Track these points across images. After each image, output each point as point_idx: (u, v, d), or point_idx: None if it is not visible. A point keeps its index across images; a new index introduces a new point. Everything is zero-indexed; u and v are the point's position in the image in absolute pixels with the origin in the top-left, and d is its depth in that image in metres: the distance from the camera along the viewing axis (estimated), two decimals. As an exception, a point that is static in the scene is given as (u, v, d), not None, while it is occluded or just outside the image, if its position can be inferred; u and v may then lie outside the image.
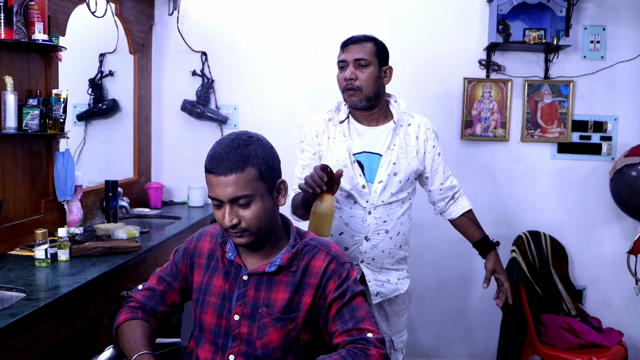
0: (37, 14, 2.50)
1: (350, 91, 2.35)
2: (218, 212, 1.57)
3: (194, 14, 3.85)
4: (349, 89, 2.34)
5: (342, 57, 2.37)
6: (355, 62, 2.33)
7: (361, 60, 2.32)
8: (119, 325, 1.71)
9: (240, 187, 1.52)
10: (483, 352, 3.95)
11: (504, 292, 2.56)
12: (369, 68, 2.33)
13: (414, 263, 3.91)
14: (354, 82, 2.33)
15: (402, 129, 2.45)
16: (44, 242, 2.31)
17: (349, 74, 2.33)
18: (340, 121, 2.42)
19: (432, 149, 2.51)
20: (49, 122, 2.62)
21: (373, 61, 2.35)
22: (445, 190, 2.60)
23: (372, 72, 2.34)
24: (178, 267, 1.76)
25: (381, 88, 2.40)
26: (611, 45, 3.76)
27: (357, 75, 2.33)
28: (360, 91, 2.33)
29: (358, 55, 2.33)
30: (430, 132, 2.51)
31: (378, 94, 2.38)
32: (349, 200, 2.38)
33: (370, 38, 2.39)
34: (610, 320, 3.85)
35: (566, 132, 3.79)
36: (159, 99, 3.93)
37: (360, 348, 1.49)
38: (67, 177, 2.83)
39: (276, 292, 1.61)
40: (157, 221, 3.58)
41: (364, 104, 2.36)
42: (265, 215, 1.58)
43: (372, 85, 2.34)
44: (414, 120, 2.50)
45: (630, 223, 3.80)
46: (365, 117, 2.42)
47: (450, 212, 2.69)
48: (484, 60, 3.77)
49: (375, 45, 2.37)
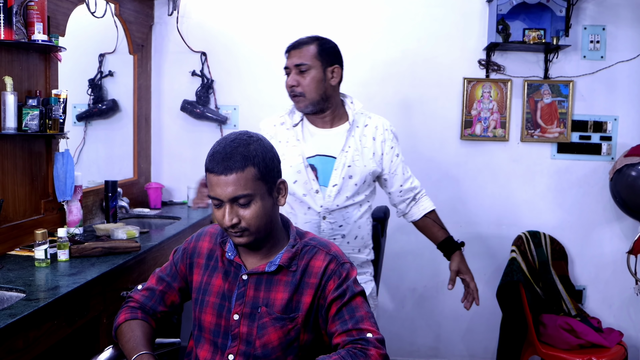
0: (36, 15, 2.50)
1: (294, 97, 2.32)
2: (218, 212, 1.57)
3: (193, 14, 3.85)
4: (293, 95, 2.31)
5: (285, 64, 2.34)
6: (296, 68, 2.29)
7: (301, 65, 2.28)
8: (119, 325, 1.71)
9: (241, 186, 1.52)
10: (483, 352, 3.95)
11: (471, 294, 2.51)
12: (310, 72, 2.28)
13: (413, 263, 3.93)
14: (296, 88, 2.29)
15: (358, 130, 2.39)
16: (43, 242, 2.31)
17: (291, 80, 2.30)
18: (294, 125, 2.38)
19: (390, 150, 2.43)
20: (48, 123, 2.62)
21: (314, 64, 2.29)
22: (405, 192, 2.52)
23: (313, 77, 2.28)
24: (177, 267, 1.76)
25: (328, 90, 2.33)
26: (611, 45, 3.76)
27: (299, 81, 2.29)
28: (303, 97, 2.29)
29: (297, 61, 2.28)
30: (388, 132, 2.44)
31: (325, 97, 2.32)
32: (303, 205, 2.34)
33: (313, 39, 2.33)
34: (610, 320, 3.85)
35: (566, 132, 3.79)
36: (159, 99, 3.93)
37: (360, 348, 1.49)
38: (67, 177, 2.82)
39: (276, 292, 1.61)
40: (157, 221, 3.58)
41: (310, 109, 2.32)
42: (265, 215, 1.58)
43: (315, 89, 2.29)
44: (371, 121, 2.44)
45: (630, 223, 3.80)
46: (319, 119, 2.38)
47: (412, 214, 2.60)
48: (484, 60, 3.77)
49: (317, 46, 2.31)
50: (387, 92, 3.82)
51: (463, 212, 3.88)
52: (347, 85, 3.76)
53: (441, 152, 3.85)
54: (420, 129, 3.83)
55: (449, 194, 3.87)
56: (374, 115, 2.47)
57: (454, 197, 3.87)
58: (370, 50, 3.80)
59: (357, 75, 3.80)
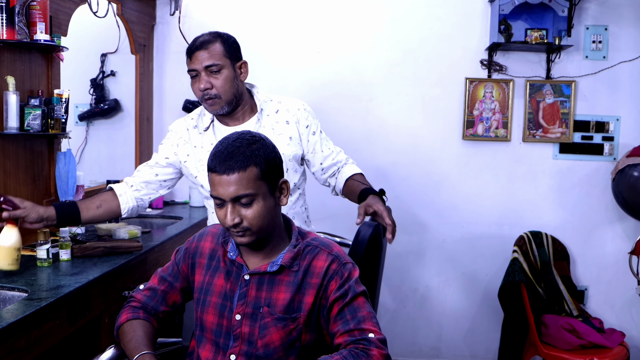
0: (38, 14, 2.51)
1: (209, 101, 2.20)
2: (220, 211, 1.57)
3: (195, 14, 3.85)
4: (207, 98, 2.20)
5: (192, 66, 2.19)
6: (206, 70, 2.17)
7: (212, 66, 2.16)
8: (121, 325, 1.71)
9: (243, 186, 1.52)
10: (484, 352, 3.95)
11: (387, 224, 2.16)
12: (223, 72, 2.18)
13: (415, 263, 3.93)
14: (210, 90, 2.18)
15: (270, 119, 2.31)
16: (45, 242, 2.31)
17: (203, 83, 2.17)
18: (205, 129, 2.33)
19: (306, 130, 2.33)
20: (50, 122, 2.62)
21: (224, 63, 2.19)
22: (327, 169, 2.42)
23: (226, 76, 2.19)
24: (179, 267, 1.76)
25: (240, 87, 2.26)
26: (613, 45, 3.75)
27: (212, 83, 2.17)
28: (219, 98, 2.19)
29: (208, 62, 2.16)
30: (301, 112, 2.33)
31: (238, 95, 2.25)
32: None
33: (215, 36, 2.21)
34: (612, 320, 3.85)
35: (568, 132, 3.78)
36: (161, 98, 3.93)
37: (362, 348, 1.49)
38: (69, 177, 2.83)
39: (277, 292, 1.61)
40: (159, 221, 3.58)
41: (226, 110, 2.23)
42: (267, 215, 1.58)
43: (230, 88, 2.20)
44: (282, 105, 2.34)
45: (632, 223, 3.79)
46: (230, 118, 2.31)
47: (338, 183, 2.44)
48: (486, 60, 3.77)
49: (222, 44, 2.20)
50: (389, 92, 3.81)
51: (465, 212, 3.88)
52: (348, 86, 3.79)
53: (443, 152, 3.84)
54: (422, 128, 3.83)
55: (451, 194, 3.87)
56: (285, 99, 2.37)
57: (455, 197, 3.87)
58: (372, 51, 3.80)
59: (359, 76, 3.81)
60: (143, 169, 2.46)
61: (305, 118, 2.34)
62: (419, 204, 3.89)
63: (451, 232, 3.91)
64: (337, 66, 3.82)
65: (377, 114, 3.82)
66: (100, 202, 2.36)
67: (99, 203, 2.36)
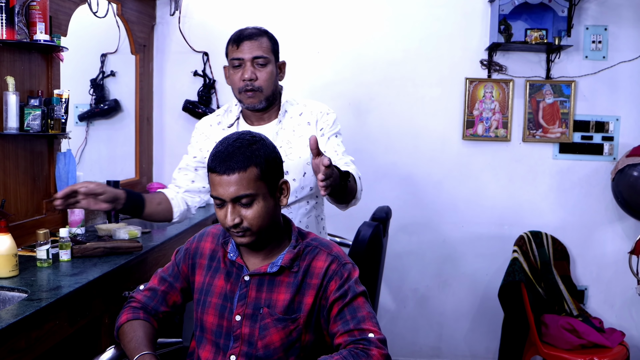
0: (38, 14, 2.50)
1: (249, 92, 2.16)
2: (220, 212, 1.57)
3: (195, 14, 3.85)
4: (248, 90, 2.15)
5: (238, 55, 2.15)
6: (253, 61, 2.14)
7: (260, 58, 2.13)
8: (121, 325, 1.72)
9: (243, 186, 1.53)
10: (484, 352, 3.95)
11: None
12: (268, 66, 2.16)
13: (415, 263, 3.93)
14: (254, 82, 2.14)
15: (292, 121, 2.25)
16: (45, 242, 2.31)
17: (249, 73, 2.13)
18: (229, 125, 2.29)
19: (319, 132, 2.25)
20: (50, 123, 2.62)
21: (271, 58, 2.17)
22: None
23: (271, 71, 2.17)
24: (179, 268, 1.76)
25: (277, 86, 2.25)
26: (613, 45, 3.75)
27: (257, 74, 2.14)
28: (260, 92, 2.16)
29: (257, 53, 2.13)
30: (322, 115, 2.26)
31: (276, 93, 2.24)
32: None
33: (263, 32, 2.19)
34: (612, 320, 3.85)
35: (568, 132, 3.78)
36: (161, 99, 3.93)
37: (362, 348, 1.49)
38: (69, 177, 2.83)
39: (278, 293, 1.61)
40: (159, 221, 3.58)
41: (264, 105, 2.20)
42: (267, 215, 1.58)
43: (272, 84, 2.18)
44: (307, 108, 2.28)
45: (632, 223, 3.79)
46: (256, 116, 2.27)
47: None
48: (486, 61, 3.77)
49: (269, 40, 2.19)
50: (389, 92, 3.82)
51: (465, 212, 3.88)
52: (349, 86, 3.79)
53: (443, 152, 3.85)
54: (422, 129, 3.83)
55: (451, 194, 3.87)
56: (312, 102, 2.32)
57: (455, 197, 3.87)
58: (372, 50, 3.80)
59: (359, 76, 3.81)
60: (179, 176, 2.41)
61: (324, 121, 2.26)
62: (419, 204, 3.89)
63: (451, 232, 3.91)
64: (337, 66, 3.82)
65: (377, 114, 3.82)
66: (160, 200, 2.30)
67: (159, 200, 2.29)
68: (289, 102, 2.30)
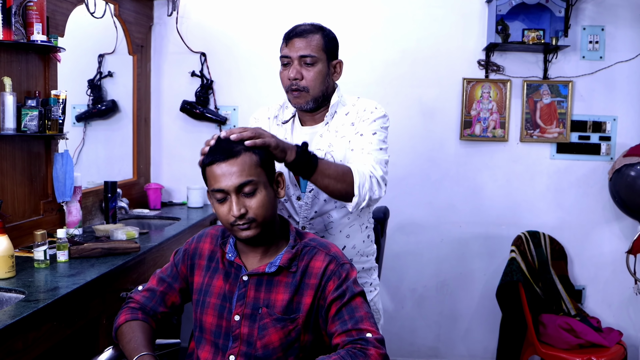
0: (35, 15, 2.50)
1: (295, 92, 2.06)
2: (222, 207, 1.57)
3: (193, 15, 3.85)
4: (294, 89, 2.06)
5: (286, 53, 2.06)
6: (300, 59, 2.04)
7: (307, 57, 2.03)
8: (119, 326, 1.71)
9: (245, 172, 1.55)
10: (482, 352, 3.95)
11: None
12: (317, 66, 2.05)
13: (413, 263, 3.93)
14: (300, 82, 2.04)
15: (338, 121, 2.12)
16: (43, 243, 2.31)
17: (294, 73, 2.04)
18: (284, 122, 2.19)
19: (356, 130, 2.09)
20: (47, 123, 2.62)
21: (321, 57, 2.05)
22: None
23: (319, 70, 2.05)
24: (178, 268, 1.76)
25: (330, 86, 2.12)
26: (610, 45, 3.76)
27: (303, 74, 2.04)
28: (306, 92, 2.05)
29: (304, 52, 2.03)
30: (366, 112, 2.10)
31: (327, 93, 2.11)
32: (283, 213, 2.13)
33: (317, 28, 2.08)
34: (609, 320, 3.85)
35: (565, 132, 3.79)
36: (158, 99, 3.93)
37: (360, 348, 1.49)
38: (66, 178, 2.82)
39: (276, 293, 1.61)
40: (157, 222, 3.58)
41: (311, 106, 2.08)
42: (270, 205, 1.60)
43: (320, 84, 2.06)
44: (354, 107, 2.14)
45: (629, 223, 3.80)
46: (309, 116, 2.15)
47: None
48: (483, 61, 3.77)
49: (323, 37, 2.07)
50: (386, 92, 3.82)
51: (462, 212, 3.88)
52: (346, 86, 3.76)
53: (441, 152, 3.85)
54: (419, 129, 3.83)
55: (449, 194, 3.87)
56: (361, 101, 2.17)
57: (453, 197, 3.87)
58: (369, 51, 3.81)
59: (356, 76, 3.80)
60: None
61: (361, 118, 2.09)
62: (417, 204, 3.89)
63: (449, 232, 3.92)
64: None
65: (375, 114, 3.82)
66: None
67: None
68: (341, 102, 2.16)
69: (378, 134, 2.07)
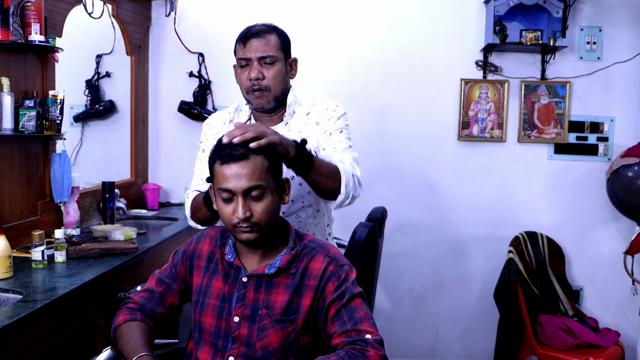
0: (33, 15, 2.50)
1: (257, 92, 2.05)
2: (227, 207, 1.57)
3: (190, 15, 3.85)
4: (255, 89, 2.05)
5: (244, 55, 2.05)
6: (260, 60, 2.03)
7: (267, 57, 2.03)
8: (118, 326, 1.71)
9: (255, 176, 1.54)
10: (480, 352, 3.96)
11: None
12: (276, 65, 2.05)
13: (411, 264, 3.93)
14: (261, 81, 2.04)
15: (300, 122, 2.13)
16: (40, 243, 2.31)
17: (255, 73, 2.03)
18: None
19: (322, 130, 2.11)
20: (45, 124, 2.62)
21: (279, 56, 2.06)
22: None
23: (279, 69, 2.05)
24: (177, 269, 1.76)
25: (288, 85, 2.13)
26: (607, 46, 3.76)
27: (264, 74, 2.04)
28: (268, 91, 2.05)
29: (263, 53, 2.03)
30: (329, 112, 2.13)
31: (285, 92, 2.12)
32: None
33: (272, 28, 2.08)
34: (607, 320, 3.86)
35: (563, 132, 3.79)
36: (156, 100, 3.93)
37: (359, 349, 1.49)
38: (64, 178, 2.82)
39: (276, 294, 1.60)
40: (154, 222, 3.58)
41: (272, 105, 2.09)
42: (274, 211, 1.60)
43: (280, 83, 2.07)
44: (314, 107, 2.15)
45: (627, 223, 3.80)
46: (267, 117, 2.15)
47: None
48: (481, 61, 3.78)
49: (278, 36, 2.07)
50: (384, 93, 3.82)
51: (460, 213, 3.88)
52: (344, 87, 3.79)
53: (438, 152, 3.85)
54: (417, 129, 3.83)
55: (447, 194, 3.87)
56: (320, 99, 2.19)
57: (451, 198, 3.87)
58: (367, 51, 3.81)
59: (354, 76, 3.81)
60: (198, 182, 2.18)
61: (327, 118, 2.12)
62: (415, 205, 3.89)
63: (447, 233, 3.92)
64: (332, 67, 3.82)
65: (373, 114, 3.82)
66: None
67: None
68: (297, 101, 2.18)
69: (344, 132, 2.12)
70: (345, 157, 2.04)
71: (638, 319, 3.52)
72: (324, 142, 2.09)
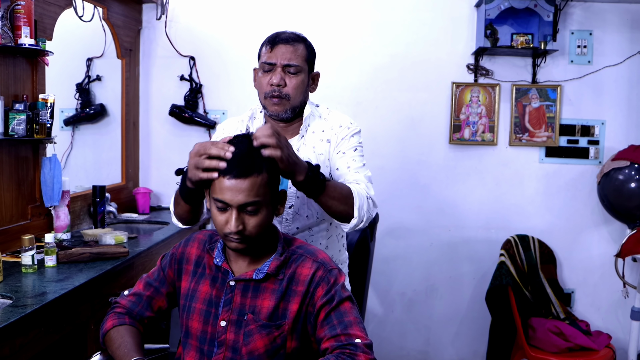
0: (23, 18, 2.49)
1: (275, 99, 2.00)
2: (221, 216, 1.55)
3: (182, 19, 3.84)
4: (275, 96, 2.00)
5: (270, 59, 2.00)
6: (284, 67, 1.99)
7: (292, 66, 1.99)
8: (107, 331, 1.69)
9: (253, 192, 1.51)
10: (472, 356, 3.96)
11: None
12: (300, 75, 2.01)
13: (402, 268, 3.93)
14: (282, 88, 1.99)
15: (314, 137, 2.08)
16: (30, 248, 2.29)
17: (277, 79, 1.98)
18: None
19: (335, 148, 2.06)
20: (35, 127, 2.60)
21: (304, 67, 2.02)
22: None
23: (302, 80, 2.01)
24: (165, 273, 1.75)
25: (306, 98, 2.08)
26: (598, 49, 3.78)
27: (286, 81, 1.99)
28: (287, 100, 2.00)
29: (289, 61, 1.99)
30: (342, 129, 2.08)
31: (303, 104, 2.07)
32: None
33: (301, 38, 2.05)
34: (598, 323, 3.87)
35: (554, 136, 3.81)
36: (147, 103, 3.92)
37: (349, 353, 1.49)
38: (54, 182, 2.81)
39: (262, 299, 1.60)
40: (145, 226, 3.56)
41: (289, 115, 2.03)
42: (267, 224, 1.58)
43: (301, 94, 2.02)
44: (328, 123, 2.11)
45: (618, 226, 3.82)
46: (283, 129, 2.08)
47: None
48: (472, 65, 3.79)
49: (306, 48, 2.04)
50: (375, 96, 3.82)
51: (452, 216, 3.89)
52: (335, 90, 3.79)
53: (430, 156, 3.86)
54: (408, 133, 3.84)
55: (438, 198, 3.88)
56: (334, 114, 2.14)
57: (442, 201, 3.88)
58: (358, 55, 3.81)
59: (346, 80, 3.82)
60: None
61: (340, 136, 2.06)
62: (406, 208, 3.89)
63: (438, 236, 3.92)
64: (323, 70, 3.79)
65: (364, 118, 3.81)
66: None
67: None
68: (313, 114, 2.12)
69: (358, 150, 2.08)
70: (360, 177, 2.00)
71: (629, 322, 3.53)
72: (337, 161, 2.04)
